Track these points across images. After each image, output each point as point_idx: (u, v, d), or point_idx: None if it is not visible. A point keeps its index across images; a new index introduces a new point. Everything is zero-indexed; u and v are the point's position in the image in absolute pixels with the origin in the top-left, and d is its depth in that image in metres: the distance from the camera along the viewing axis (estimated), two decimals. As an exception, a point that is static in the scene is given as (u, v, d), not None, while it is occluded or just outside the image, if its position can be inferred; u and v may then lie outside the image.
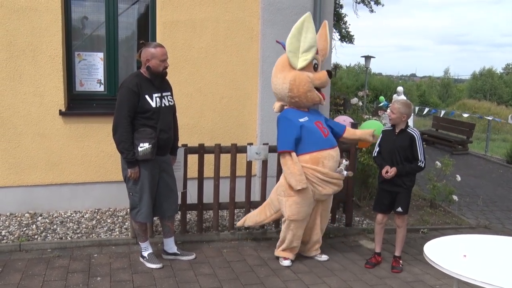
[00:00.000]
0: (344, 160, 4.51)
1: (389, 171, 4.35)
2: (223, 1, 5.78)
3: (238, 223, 4.97)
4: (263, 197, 5.14)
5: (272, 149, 5.01)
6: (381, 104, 12.56)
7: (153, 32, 5.73)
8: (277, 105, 4.61)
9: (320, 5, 5.95)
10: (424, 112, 19.62)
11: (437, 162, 6.64)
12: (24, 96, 5.34)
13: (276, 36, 5.78)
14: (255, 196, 5.72)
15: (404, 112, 4.34)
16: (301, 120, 4.35)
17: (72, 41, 5.64)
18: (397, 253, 4.58)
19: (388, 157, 4.43)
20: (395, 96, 13.92)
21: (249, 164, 5.07)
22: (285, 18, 5.82)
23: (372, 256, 4.67)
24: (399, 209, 4.43)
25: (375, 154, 4.58)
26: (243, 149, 4.98)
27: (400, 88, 14.30)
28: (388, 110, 4.53)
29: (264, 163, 5.09)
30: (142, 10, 6.01)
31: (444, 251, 3.25)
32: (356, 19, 69.68)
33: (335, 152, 4.40)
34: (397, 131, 4.42)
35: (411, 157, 4.37)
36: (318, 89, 4.44)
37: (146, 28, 5.85)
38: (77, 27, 5.78)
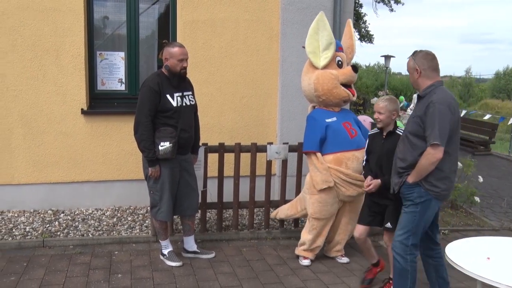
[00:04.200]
0: None
1: (369, 184, 3.85)
2: (243, 1, 5.80)
3: (272, 215, 5.08)
4: (283, 197, 5.14)
5: (292, 149, 5.01)
6: (401, 105, 12.44)
7: (174, 32, 5.77)
8: (309, 107, 4.64)
9: (340, 5, 5.93)
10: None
11: (458, 162, 6.54)
12: (47, 95, 5.42)
13: (296, 36, 5.79)
14: (275, 195, 5.73)
15: (393, 108, 3.82)
16: (328, 120, 4.35)
17: (94, 40, 5.72)
18: (392, 275, 3.81)
19: (376, 165, 3.89)
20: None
21: (269, 164, 5.07)
22: (305, 17, 5.81)
23: (368, 270, 4.21)
24: (388, 224, 3.81)
25: (363, 163, 4.07)
26: (263, 148, 4.99)
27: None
28: (376, 114, 3.89)
29: (284, 162, 5.09)
30: (162, 10, 6.06)
31: (467, 253, 3.20)
32: (375, 18, 69.06)
33: (360, 153, 4.30)
34: (385, 133, 3.89)
35: None
36: (347, 86, 4.45)
37: (166, 27, 5.89)
38: (99, 27, 5.86)
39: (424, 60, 3.43)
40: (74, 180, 5.63)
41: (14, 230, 4.96)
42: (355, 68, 4.49)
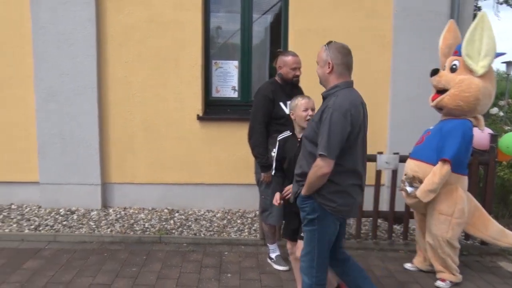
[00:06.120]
0: (405, 175, 4.25)
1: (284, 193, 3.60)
2: (354, 9, 5.77)
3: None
4: (392, 207, 5.02)
5: (402, 159, 4.87)
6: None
7: (285, 40, 5.91)
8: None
9: (458, 9, 5.66)
10: None
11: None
12: (167, 102, 5.83)
13: (409, 43, 5.64)
14: (383, 206, 5.61)
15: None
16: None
17: (210, 50, 6.04)
18: None
19: (290, 171, 3.52)
20: None
21: (378, 173, 4.99)
22: (420, 24, 5.63)
23: None
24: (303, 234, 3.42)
25: (272, 171, 3.86)
26: (372, 158, 4.91)
27: None
28: (309, 111, 3.57)
29: (394, 172, 4.97)
30: (274, 19, 6.23)
31: None
32: (496, 21, 64.31)
33: (413, 163, 4.22)
34: (300, 136, 3.58)
35: None
36: None
37: (278, 36, 6.05)
38: (214, 37, 6.17)
39: (339, 54, 3.06)
40: (188, 182, 5.97)
41: (135, 225, 5.38)
42: None
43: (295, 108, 3.59)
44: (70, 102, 5.74)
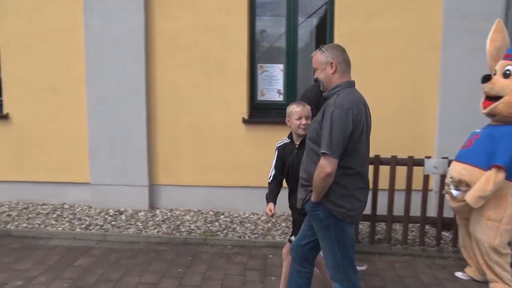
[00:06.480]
0: (450, 178, 4.09)
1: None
2: (402, 11, 5.67)
3: None
4: (440, 213, 4.89)
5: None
6: None
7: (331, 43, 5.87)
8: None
9: (512, 9, 5.48)
10: None
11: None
12: (213, 105, 5.91)
13: (459, 45, 5.49)
14: (431, 211, 5.47)
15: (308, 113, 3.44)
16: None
17: (256, 53, 6.08)
18: None
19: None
20: None
21: (425, 178, 4.88)
22: (470, 25, 5.46)
23: None
24: (293, 237, 3.56)
25: (269, 179, 3.83)
26: (420, 162, 4.81)
27: None
28: (302, 120, 3.45)
29: (442, 177, 4.84)
30: (320, 22, 6.21)
31: None
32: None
33: (459, 166, 4.08)
34: (298, 142, 3.52)
35: None
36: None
37: (323, 39, 6.02)
38: (259, 41, 6.21)
39: (338, 52, 2.98)
40: (233, 185, 6.03)
41: (181, 226, 5.48)
42: None
43: (290, 115, 3.49)
44: (119, 106, 5.93)
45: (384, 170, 4.90)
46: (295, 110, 3.47)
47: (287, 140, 3.64)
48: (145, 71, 5.88)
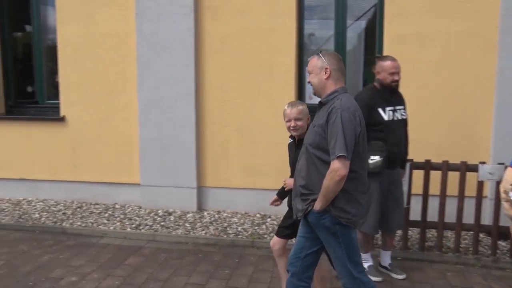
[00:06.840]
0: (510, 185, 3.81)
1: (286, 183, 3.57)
2: (455, 12, 5.49)
3: None
4: (496, 222, 4.71)
5: (508, 170, 4.55)
6: None
7: (380, 46, 5.77)
8: None
9: None
10: None
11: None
12: (260, 108, 5.93)
13: (518, 46, 5.27)
14: (485, 219, 5.27)
15: (307, 111, 3.41)
16: None
17: (304, 56, 6.06)
18: None
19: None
20: None
21: (480, 185, 4.71)
22: (531, 25, 5.24)
23: None
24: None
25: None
26: (473, 168, 4.65)
27: None
28: (292, 122, 3.38)
29: (498, 184, 4.65)
30: (369, 24, 6.12)
31: None
32: None
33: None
34: (296, 141, 3.49)
35: None
36: None
37: (372, 42, 5.93)
38: (308, 44, 6.19)
39: (334, 60, 3.00)
40: (279, 188, 6.00)
41: (228, 228, 5.53)
42: None
43: (283, 116, 3.46)
44: (169, 108, 6.05)
45: (434, 175, 4.77)
46: (285, 112, 3.44)
47: (290, 140, 3.66)
48: (194, 74, 5.98)
